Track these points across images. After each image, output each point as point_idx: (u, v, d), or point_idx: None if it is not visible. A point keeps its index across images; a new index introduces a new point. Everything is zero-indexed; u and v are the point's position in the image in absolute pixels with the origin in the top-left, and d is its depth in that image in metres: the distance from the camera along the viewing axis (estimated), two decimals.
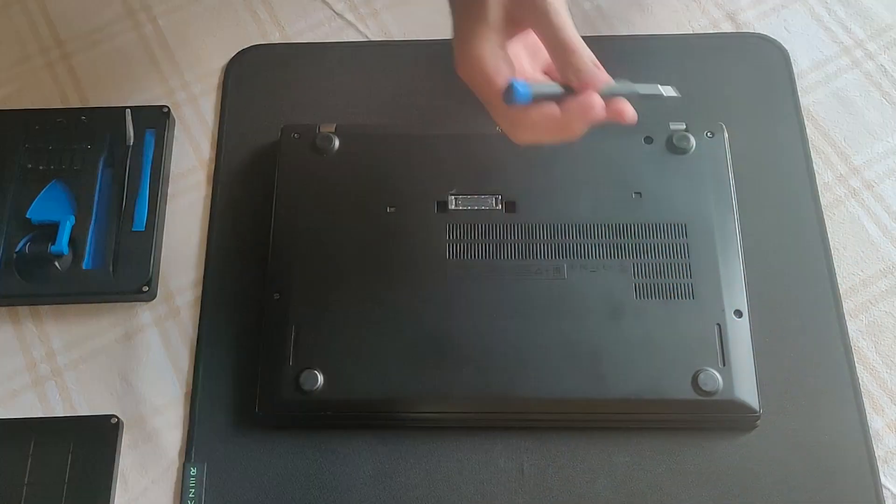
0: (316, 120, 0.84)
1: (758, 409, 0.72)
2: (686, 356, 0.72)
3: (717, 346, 0.73)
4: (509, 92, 0.61)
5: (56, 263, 0.78)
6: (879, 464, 0.73)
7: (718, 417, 0.73)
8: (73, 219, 0.80)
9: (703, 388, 0.71)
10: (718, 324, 0.74)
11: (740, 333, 0.74)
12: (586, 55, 0.64)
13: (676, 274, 0.76)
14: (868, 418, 0.74)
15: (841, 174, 0.85)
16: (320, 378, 0.73)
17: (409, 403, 0.73)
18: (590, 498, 0.72)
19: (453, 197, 0.79)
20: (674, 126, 0.81)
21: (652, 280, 0.75)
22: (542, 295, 0.75)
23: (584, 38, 0.88)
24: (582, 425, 0.74)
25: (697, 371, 0.72)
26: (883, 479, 0.72)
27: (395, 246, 0.77)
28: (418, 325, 0.74)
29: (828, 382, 0.75)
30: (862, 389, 0.75)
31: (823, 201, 0.83)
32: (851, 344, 0.77)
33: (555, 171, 0.80)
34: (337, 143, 0.82)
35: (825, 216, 0.82)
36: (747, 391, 0.72)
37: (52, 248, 0.78)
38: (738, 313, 0.74)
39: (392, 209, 0.79)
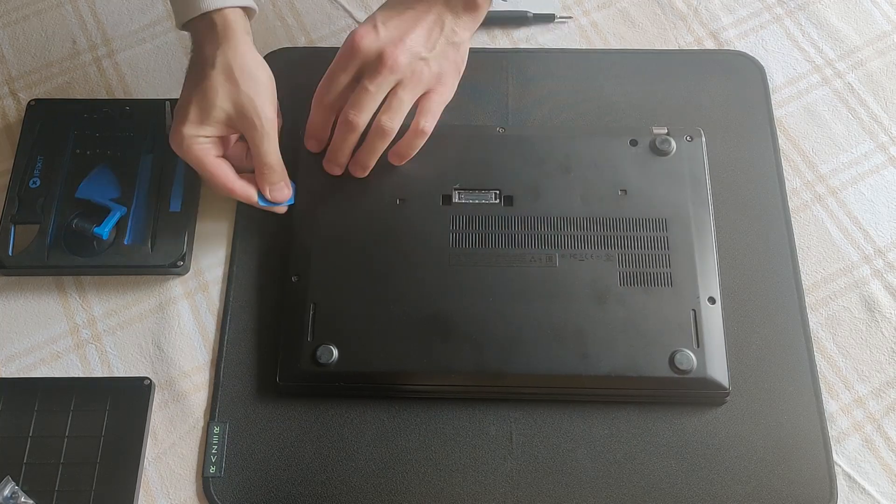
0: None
1: (727, 387, 0.72)
2: (664, 338, 0.73)
3: (692, 329, 0.73)
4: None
5: (99, 239, 0.78)
6: (832, 443, 0.73)
7: (692, 394, 0.73)
8: (123, 209, 0.79)
9: (679, 366, 0.71)
10: (694, 309, 0.74)
11: (713, 318, 0.74)
12: (279, 174, 0.77)
13: (657, 264, 0.76)
14: (824, 402, 0.74)
15: (808, 181, 0.84)
16: (335, 353, 0.73)
17: (415, 377, 0.73)
18: (571, 465, 0.72)
19: (457, 191, 0.79)
20: (657, 130, 0.81)
21: (635, 269, 0.75)
22: (535, 281, 0.75)
23: (579, 51, 0.90)
24: (569, 399, 0.74)
25: (674, 351, 0.72)
26: (835, 457, 0.73)
27: (403, 234, 0.77)
28: (424, 306, 0.74)
29: (789, 368, 0.75)
30: (819, 375, 0.75)
31: (791, 204, 0.83)
32: (811, 334, 0.77)
33: (549, 169, 0.80)
34: None
35: (792, 218, 0.82)
36: (718, 370, 0.72)
37: (96, 230, 0.78)
38: (712, 300, 0.74)
39: (401, 201, 0.79)
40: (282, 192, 0.77)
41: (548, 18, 0.92)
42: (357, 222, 0.78)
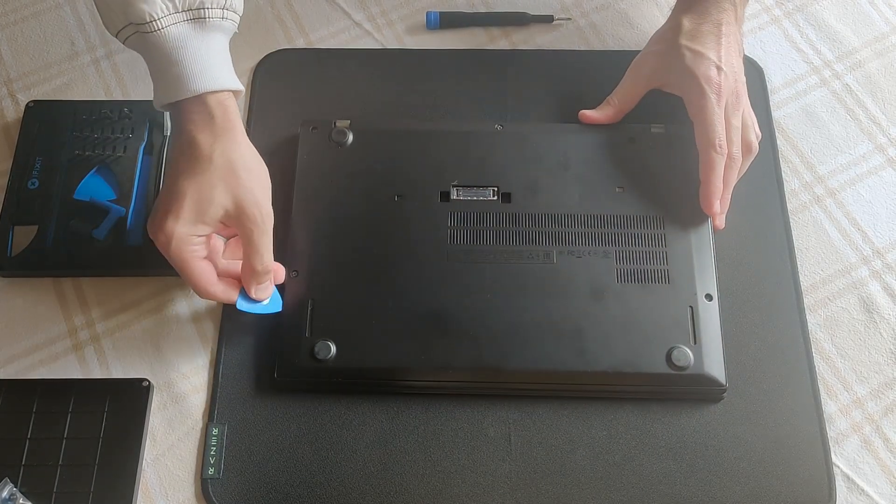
0: (333, 117, 0.84)
1: (724, 383, 0.72)
2: (661, 334, 0.73)
3: (690, 326, 0.73)
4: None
5: (97, 240, 0.78)
6: (831, 444, 0.73)
7: (689, 390, 0.73)
8: (121, 210, 0.79)
9: (676, 363, 0.72)
10: (691, 306, 0.74)
11: (710, 315, 0.74)
12: (269, 273, 0.73)
13: (654, 261, 0.76)
14: (822, 403, 0.74)
15: (806, 182, 0.85)
16: (333, 348, 0.73)
17: (412, 373, 0.74)
18: (570, 466, 0.72)
19: (455, 188, 0.79)
20: (654, 129, 0.82)
21: (632, 266, 0.76)
22: (533, 277, 0.75)
23: (578, 52, 0.90)
24: (565, 395, 0.74)
25: (671, 348, 0.72)
26: (834, 458, 0.73)
27: (401, 231, 0.78)
28: (422, 303, 0.75)
29: (788, 369, 0.76)
30: (818, 376, 0.75)
31: (790, 206, 0.83)
32: (810, 335, 0.77)
33: (547, 167, 0.80)
34: (351, 137, 0.82)
35: (791, 219, 0.82)
36: (715, 367, 0.72)
37: (94, 232, 0.78)
38: (709, 297, 0.75)
39: (399, 198, 0.79)
40: (267, 290, 0.73)
41: (546, 19, 0.92)
42: (355, 219, 0.78)
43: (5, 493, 0.68)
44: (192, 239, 0.69)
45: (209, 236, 0.72)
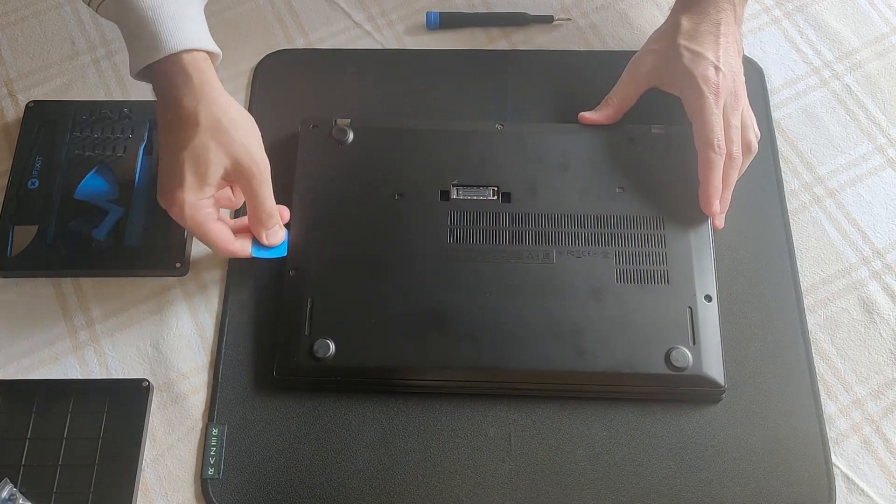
0: (333, 116, 0.84)
1: (723, 384, 0.72)
2: (660, 335, 0.73)
3: (689, 327, 0.73)
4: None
5: (97, 241, 0.78)
6: (831, 444, 0.73)
7: (688, 391, 0.73)
8: (121, 211, 0.79)
9: (675, 364, 0.72)
10: (690, 307, 0.74)
11: (710, 316, 0.74)
12: (275, 218, 0.75)
13: (654, 261, 0.76)
14: (822, 403, 0.74)
15: (806, 182, 0.84)
16: (332, 347, 0.73)
17: (411, 371, 0.74)
18: (570, 467, 0.72)
19: (455, 187, 0.79)
20: (655, 129, 0.82)
21: (631, 266, 0.76)
22: (533, 277, 0.75)
23: (578, 52, 0.90)
24: (565, 395, 0.74)
25: (670, 349, 0.72)
26: (834, 459, 0.73)
27: (401, 229, 0.78)
28: (421, 302, 0.74)
29: (787, 369, 0.75)
30: (818, 376, 0.75)
31: (790, 206, 0.83)
32: (810, 336, 0.77)
33: (547, 167, 0.80)
34: (351, 135, 0.82)
35: (791, 220, 0.82)
36: (714, 367, 0.72)
37: (94, 232, 0.78)
38: (708, 298, 0.75)
39: (399, 196, 0.79)
40: (277, 235, 0.75)
41: (546, 20, 0.92)
42: (355, 217, 0.78)
43: (5, 493, 0.68)
44: (202, 203, 0.71)
45: (216, 197, 0.73)
